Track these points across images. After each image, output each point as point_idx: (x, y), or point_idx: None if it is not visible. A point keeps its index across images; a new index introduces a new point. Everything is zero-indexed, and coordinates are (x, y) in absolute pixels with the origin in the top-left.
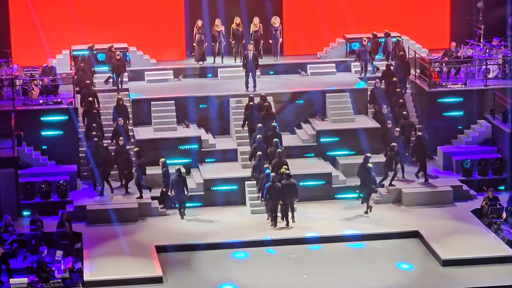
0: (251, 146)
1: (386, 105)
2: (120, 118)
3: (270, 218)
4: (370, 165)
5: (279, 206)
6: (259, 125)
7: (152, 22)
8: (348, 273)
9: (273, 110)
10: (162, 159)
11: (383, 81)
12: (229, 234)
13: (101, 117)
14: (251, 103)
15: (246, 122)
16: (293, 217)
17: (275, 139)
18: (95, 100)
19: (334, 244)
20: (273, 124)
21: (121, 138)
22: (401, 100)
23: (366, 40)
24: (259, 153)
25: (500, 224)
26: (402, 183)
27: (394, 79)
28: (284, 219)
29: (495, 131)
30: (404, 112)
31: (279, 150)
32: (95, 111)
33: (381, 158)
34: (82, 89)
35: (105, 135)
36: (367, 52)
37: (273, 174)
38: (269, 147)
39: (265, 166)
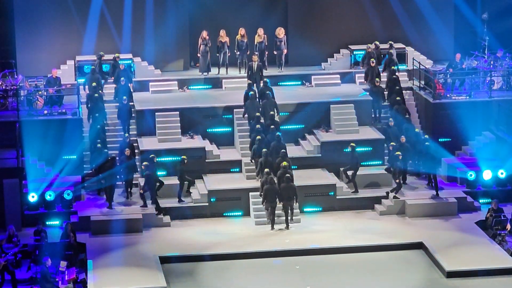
0: (250, 136)
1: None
2: (127, 149)
3: (268, 220)
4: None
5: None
6: (257, 114)
7: (156, 32)
8: (352, 284)
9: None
10: (145, 162)
11: (386, 68)
12: (233, 245)
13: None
14: (251, 92)
15: (247, 113)
16: (291, 219)
17: (272, 126)
18: (98, 85)
19: (338, 255)
20: (278, 134)
21: (127, 149)
22: (397, 87)
23: (379, 81)
24: (258, 137)
25: (505, 236)
26: (406, 194)
27: (393, 68)
28: (285, 222)
29: (499, 142)
30: (398, 98)
31: (278, 133)
32: (97, 95)
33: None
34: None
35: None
36: (380, 94)
37: (270, 176)
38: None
39: (264, 150)
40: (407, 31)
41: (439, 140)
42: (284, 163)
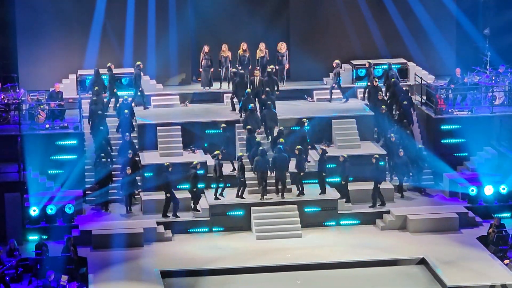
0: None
1: (394, 133)
2: (130, 151)
3: (260, 190)
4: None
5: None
6: (248, 126)
7: (158, 47)
8: None
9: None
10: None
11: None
12: (235, 259)
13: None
14: (251, 104)
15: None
16: (283, 194)
17: (267, 88)
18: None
19: (340, 270)
20: (279, 146)
21: (128, 168)
22: (405, 102)
23: (384, 108)
24: (260, 148)
25: (506, 251)
26: (407, 209)
27: (393, 80)
28: (279, 192)
29: (501, 158)
30: (405, 121)
31: (279, 146)
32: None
33: (387, 184)
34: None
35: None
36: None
37: (262, 148)
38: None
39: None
40: (409, 46)
41: (441, 155)
42: (281, 139)
